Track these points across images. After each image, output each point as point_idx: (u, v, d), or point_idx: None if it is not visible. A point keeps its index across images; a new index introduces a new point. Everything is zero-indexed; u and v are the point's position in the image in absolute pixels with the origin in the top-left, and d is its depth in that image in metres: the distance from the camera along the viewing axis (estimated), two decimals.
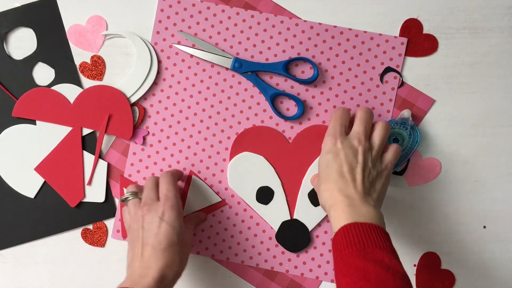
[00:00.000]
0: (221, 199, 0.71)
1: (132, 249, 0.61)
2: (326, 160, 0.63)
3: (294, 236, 0.70)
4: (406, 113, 0.69)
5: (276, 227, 0.70)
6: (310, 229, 0.70)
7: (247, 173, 0.70)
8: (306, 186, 0.70)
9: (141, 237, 0.60)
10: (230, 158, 0.70)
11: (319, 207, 0.69)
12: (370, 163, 0.62)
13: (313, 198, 0.70)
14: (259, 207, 0.70)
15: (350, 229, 0.57)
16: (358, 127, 0.63)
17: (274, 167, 0.70)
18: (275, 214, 0.70)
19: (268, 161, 0.70)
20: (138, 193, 0.65)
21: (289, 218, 0.70)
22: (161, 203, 0.61)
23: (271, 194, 0.70)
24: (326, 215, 0.70)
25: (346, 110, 0.65)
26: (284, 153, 0.70)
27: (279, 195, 0.70)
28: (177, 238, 0.60)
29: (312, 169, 0.70)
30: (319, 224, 0.71)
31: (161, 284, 0.57)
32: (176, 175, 0.67)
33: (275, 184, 0.70)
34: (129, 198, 0.64)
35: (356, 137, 0.62)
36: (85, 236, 0.71)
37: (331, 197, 0.61)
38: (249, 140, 0.70)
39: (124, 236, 0.71)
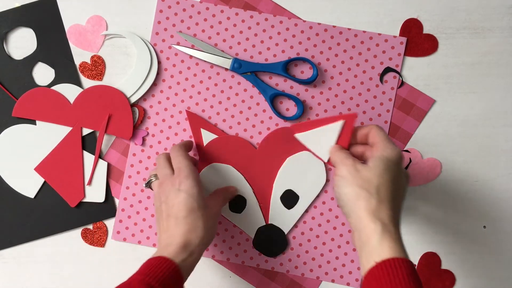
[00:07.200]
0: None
1: (159, 225, 0.62)
2: (388, 167, 0.55)
3: (271, 240, 0.70)
4: None
5: (252, 234, 0.70)
6: (286, 232, 0.70)
7: (217, 184, 0.69)
8: (277, 190, 0.70)
9: (164, 211, 0.61)
10: (199, 172, 0.69)
11: (293, 209, 0.70)
12: None
13: (286, 201, 0.70)
14: (233, 216, 0.70)
15: (399, 266, 0.51)
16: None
17: (243, 175, 0.70)
18: (249, 221, 0.70)
19: (236, 169, 0.70)
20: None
21: (264, 223, 0.70)
22: (175, 175, 0.62)
23: (243, 202, 0.70)
24: (301, 217, 0.70)
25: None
26: (251, 160, 0.70)
27: (252, 202, 0.70)
28: (197, 204, 0.60)
29: (281, 173, 0.70)
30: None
31: (186, 249, 0.58)
32: (186, 146, 0.67)
33: (247, 192, 0.70)
34: (152, 180, 0.65)
35: None
36: (85, 236, 0.71)
37: (379, 217, 0.54)
38: (216, 151, 0.70)
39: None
